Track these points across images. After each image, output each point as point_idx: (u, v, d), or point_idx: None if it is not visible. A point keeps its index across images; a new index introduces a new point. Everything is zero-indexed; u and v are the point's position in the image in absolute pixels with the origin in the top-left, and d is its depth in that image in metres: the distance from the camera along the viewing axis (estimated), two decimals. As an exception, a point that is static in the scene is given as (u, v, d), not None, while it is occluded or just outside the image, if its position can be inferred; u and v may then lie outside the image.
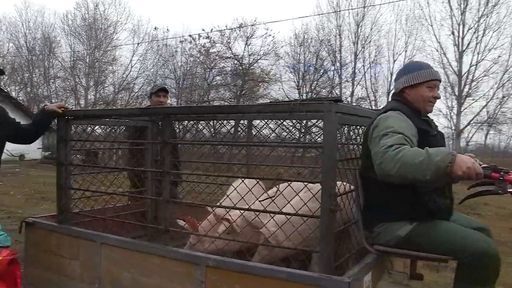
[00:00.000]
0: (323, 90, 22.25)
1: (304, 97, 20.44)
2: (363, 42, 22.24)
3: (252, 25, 22.76)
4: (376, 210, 2.18)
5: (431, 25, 21.21)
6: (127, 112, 2.70)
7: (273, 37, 27.81)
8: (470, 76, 20.43)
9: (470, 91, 20.43)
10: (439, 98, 2.26)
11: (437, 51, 21.14)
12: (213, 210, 2.56)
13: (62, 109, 2.81)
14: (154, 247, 2.31)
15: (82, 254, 2.59)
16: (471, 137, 21.60)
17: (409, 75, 2.23)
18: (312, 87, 22.37)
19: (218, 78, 23.88)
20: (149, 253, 2.31)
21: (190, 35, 23.98)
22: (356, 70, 22.33)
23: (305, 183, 2.24)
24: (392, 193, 2.09)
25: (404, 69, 2.30)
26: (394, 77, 2.51)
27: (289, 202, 2.33)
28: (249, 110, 2.18)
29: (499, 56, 19.93)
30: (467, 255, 1.92)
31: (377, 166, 1.93)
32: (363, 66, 22.41)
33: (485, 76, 20.29)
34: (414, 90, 2.22)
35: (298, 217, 2.30)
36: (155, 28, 28.38)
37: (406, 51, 21.91)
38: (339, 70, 22.47)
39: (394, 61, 21.82)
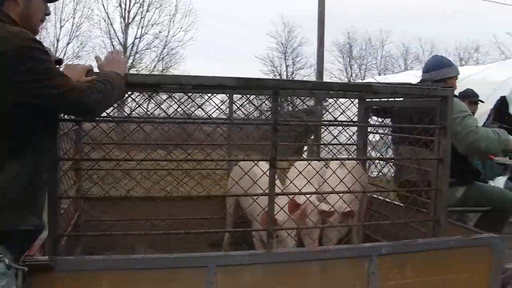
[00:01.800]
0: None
1: None
2: (29, 5, 20.45)
3: None
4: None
5: (100, -5, 21.56)
6: (217, 82, 1.84)
7: None
8: (135, 48, 22.34)
9: (134, 62, 22.18)
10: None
11: (105, 21, 21.85)
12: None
13: None
14: (312, 252, 1.89)
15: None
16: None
17: (452, 67, 2.79)
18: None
19: None
20: (305, 261, 1.88)
21: None
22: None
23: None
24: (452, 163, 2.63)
25: (446, 61, 2.87)
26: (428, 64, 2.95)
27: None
28: (385, 91, 2.13)
29: (160, 32, 22.54)
30: (504, 206, 2.72)
31: (471, 141, 2.45)
32: (27, 29, 20.66)
33: (147, 49, 22.59)
34: (451, 80, 2.81)
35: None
36: None
37: (74, 17, 21.57)
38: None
39: (61, 27, 21.08)
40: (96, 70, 1.73)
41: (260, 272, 1.84)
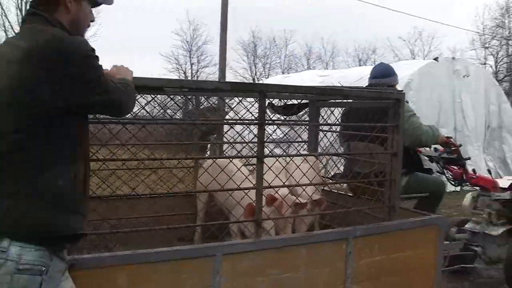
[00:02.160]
0: None
1: None
2: None
3: None
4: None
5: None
6: (215, 86, 1.93)
7: None
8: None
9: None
10: None
11: (-2, 11, 20.40)
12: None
13: None
14: (301, 237, 2.12)
15: (189, 281, 1.84)
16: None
17: (397, 75, 3.21)
18: None
19: None
20: (295, 245, 2.10)
21: None
22: None
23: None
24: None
25: (392, 69, 3.29)
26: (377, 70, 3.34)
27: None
28: (350, 94, 2.42)
29: (61, 25, 21.72)
30: (437, 191, 3.20)
31: (416, 136, 2.89)
32: None
33: (47, 44, 21.86)
34: (395, 86, 3.22)
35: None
36: None
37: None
38: None
39: None
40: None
41: (257, 257, 2.02)
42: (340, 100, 3.27)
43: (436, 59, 9.70)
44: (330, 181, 3.29)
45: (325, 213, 2.78)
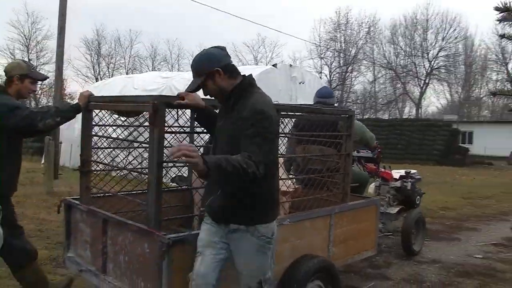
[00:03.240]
0: None
1: None
2: None
3: None
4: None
5: None
6: None
7: None
8: None
9: None
10: None
11: None
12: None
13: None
14: (308, 213, 3.00)
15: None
16: None
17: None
18: None
19: None
20: (304, 220, 2.98)
21: None
22: None
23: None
24: None
25: (332, 91, 4.30)
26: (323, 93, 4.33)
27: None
28: (328, 112, 3.38)
29: None
30: (364, 181, 4.39)
31: (362, 133, 4.09)
32: None
33: None
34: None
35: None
36: None
37: None
38: None
39: None
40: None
41: (286, 229, 2.84)
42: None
43: (275, 65, 10.52)
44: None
45: (299, 199, 3.69)
